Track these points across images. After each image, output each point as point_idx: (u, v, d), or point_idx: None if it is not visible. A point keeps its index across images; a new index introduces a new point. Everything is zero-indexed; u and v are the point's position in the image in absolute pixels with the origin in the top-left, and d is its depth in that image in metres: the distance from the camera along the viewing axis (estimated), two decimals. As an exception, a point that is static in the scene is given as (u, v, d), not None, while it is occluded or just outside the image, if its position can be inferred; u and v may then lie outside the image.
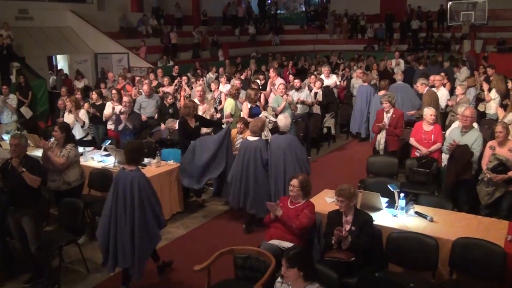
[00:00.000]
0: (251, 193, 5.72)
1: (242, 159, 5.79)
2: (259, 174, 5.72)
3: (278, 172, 5.66)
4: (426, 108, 6.58)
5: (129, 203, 4.21)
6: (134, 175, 4.24)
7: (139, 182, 4.23)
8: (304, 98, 8.80)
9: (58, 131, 5.46)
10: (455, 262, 3.96)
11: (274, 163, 5.70)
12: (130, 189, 4.20)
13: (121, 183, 4.24)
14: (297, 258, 3.08)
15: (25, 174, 4.40)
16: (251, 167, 5.71)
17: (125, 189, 4.22)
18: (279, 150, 5.66)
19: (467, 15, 17.53)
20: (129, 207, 4.21)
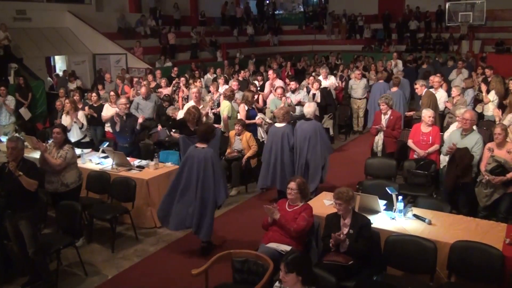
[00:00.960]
0: (279, 172, 6.40)
1: (270, 144, 6.50)
2: (285, 156, 6.39)
3: (302, 154, 6.35)
4: (425, 110, 6.58)
5: (202, 175, 5.02)
6: (207, 151, 5.09)
7: (212, 157, 5.08)
8: (301, 99, 8.79)
9: (61, 132, 5.46)
10: (453, 265, 3.95)
11: (299, 146, 6.37)
12: (204, 162, 5.01)
13: (196, 158, 5.07)
14: (295, 262, 3.07)
15: (22, 178, 4.38)
16: (279, 150, 6.40)
17: (199, 162, 5.03)
18: (304, 135, 6.31)
19: (465, 15, 17.52)
20: (201, 178, 5.02)
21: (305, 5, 26.42)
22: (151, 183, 6.02)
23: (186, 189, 5.10)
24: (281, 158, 6.40)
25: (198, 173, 5.03)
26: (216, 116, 8.77)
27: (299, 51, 21.70)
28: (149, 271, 5.07)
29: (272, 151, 6.47)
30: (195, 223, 5.10)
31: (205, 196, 5.06)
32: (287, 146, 6.39)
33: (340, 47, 21.59)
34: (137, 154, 7.15)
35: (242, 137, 7.33)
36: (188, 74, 12.59)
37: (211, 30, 20.73)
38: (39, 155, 5.47)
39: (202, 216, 5.10)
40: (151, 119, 8.89)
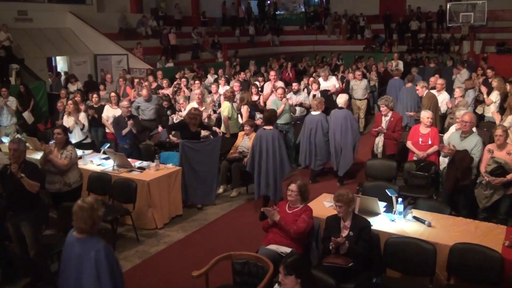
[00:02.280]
0: (313, 154, 7.53)
1: (308, 130, 7.52)
2: (320, 140, 7.43)
3: (336, 138, 7.35)
4: (423, 111, 6.58)
5: (271, 150, 6.21)
6: (273, 132, 6.31)
7: (278, 136, 6.30)
8: (302, 101, 8.80)
9: (62, 133, 5.50)
10: (453, 267, 3.97)
11: (333, 131, 7.36)
12: (272, 140, 6.21)
13: (264, 138, 6.26)
14: (294, 265, 3.08)
15: (24, 179, 4.41)
16: (313, 135, 7.46)
17: (267, 141, 6.22)
18: (337, 121, 7.32)
19: (467, 16, 17.55)
20: (272, 153, 6.22)
21: (306, 5, 26.42)
22: (152, 185, 6.03)
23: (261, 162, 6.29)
24: (315, 142, 7.46)
25: (267, 149, 6.22)
26: (218, 118, 8.80)
27: (300, 52, 21.72)
28: (150, 272, 5.09)
29: (309, 136, 7.51)
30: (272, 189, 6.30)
31: (276, 167, 6.25)
32: (321, 131, 7.41)
33: (341, 48, 21.60)
34: (137, 155, 7.17)
35: (251, 137, 7.40)
36: (190, 75, 12.60)
37: (212, 30, 20.74)
38: (41, 156, 5.51)
39: (276, 183, 6.29)
40: (153, 120, 8.92)
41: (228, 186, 7.44)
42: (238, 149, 7.45)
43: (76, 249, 3.19)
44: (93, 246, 3.14)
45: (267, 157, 6.28)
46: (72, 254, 3.21)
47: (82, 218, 3.13)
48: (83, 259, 3.14)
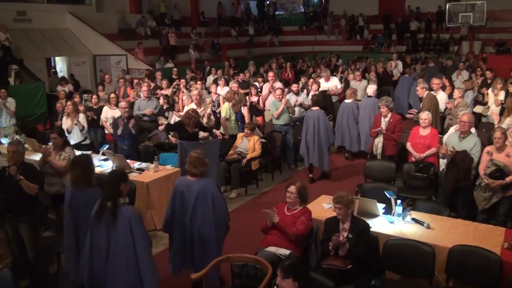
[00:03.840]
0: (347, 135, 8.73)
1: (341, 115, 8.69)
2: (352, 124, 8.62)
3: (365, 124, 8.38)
4: (421, 113, 6.58)
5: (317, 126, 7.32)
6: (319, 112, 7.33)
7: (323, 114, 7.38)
8: (302, 101, 8.80)
9: (58, 137, 5.49)
10: (452, 270, 3.97)
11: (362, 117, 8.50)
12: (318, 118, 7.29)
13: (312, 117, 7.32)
14: (292, 268, 3.08)
15: (23, 182, 4.41)
16: (346, 120, 8.63)
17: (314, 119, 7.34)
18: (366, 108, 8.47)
19: (466, 16, 17.54)
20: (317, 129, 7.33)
21: (306, 5, 26.43)
22: (151, 186, 6.03)
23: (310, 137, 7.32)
24: (348, 125, 8.50)
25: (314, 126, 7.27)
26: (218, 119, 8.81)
27: (299, 52, 21.72)
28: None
29: (343, 120, 8.59)
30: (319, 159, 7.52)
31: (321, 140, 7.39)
32: (352, 117, 8.45)
33: (341, 48, 21.61)
34: (136, 156, 7.16)
35: (250, 139, 7.43)
36: (190, 75, 12.60)
37: (211, 30, 20.74)
38: (40, 157, 5.50)
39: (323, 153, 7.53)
40: (152, 121, 8.92)
41: (227, 187, 7.44)
42: (237, 150, 7.45)
43: (194, 188, 4.18)
44: (207, 184, 4.23)
45: (314, 132, 7.35)
46: (190, 191, 4.21)
47: (195, 164, 4.21)
48: (199, 195, 4.15)
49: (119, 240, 3.56)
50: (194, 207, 4.17)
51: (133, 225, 3.56)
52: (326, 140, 7.50)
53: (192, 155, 4.26)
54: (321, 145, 7.43)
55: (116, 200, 3.60)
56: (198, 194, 4.15)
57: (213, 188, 4.23)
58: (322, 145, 7.45)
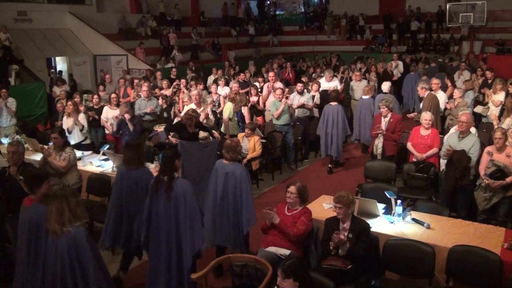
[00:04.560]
0: (362, 129, 8.80)
1: (360, 109, 8.95)
2: (368, 118, 8.57)
3: None
4: (423, 113, 6.57)
5: (336, 120, 7.92)
6: (337, 106, 7.93)
7: (341, 109, 8.04)
8: (305, 102, 8.78)
9: (58, 137, 5.50)
10: (452, 270, 3.97)
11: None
12: (336, 113, 7.96)
13: (330, 111, 7.90)
14: (292, 268, 3.09)
15: (23, 182, 4.40)
16: (363, 115, 8.76)
17: (333, 113, 7.96)
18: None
19: (466, 16, 17.55)
20: (336, 122, 7.93)
21: (306, 5, 26.43)
22: (151, 186, 6.01)
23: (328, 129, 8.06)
24: (365, 121, 8.65)
25: (333, 120, 7.91)
26: (218, 119, 8.81)
27: (299, 52, 21.73)
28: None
29: (361, 116, 8.80)
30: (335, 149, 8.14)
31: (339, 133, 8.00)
32: (369, 112, 8.62)
33: (341, 48, 21.62)
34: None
35: (250, 139, 7.44)
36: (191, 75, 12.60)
37: (212, 30, 20.74)
38: (40, 157, 5.51)
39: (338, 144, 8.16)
40: (152, 121, 8.92)
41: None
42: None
43: (226, 169, 4.71)
44: (238, 167, 4.75)
45: (332, 126, 7.91)
46: (223, 172, 4.71)
47: (227, 150, 4.72)
48: (229, 176, 4.65)
49: (174, 209, 4.04)
50: (224, 185, 4.73)
51: (187, 196, 4.06)
52: (343, 132, 8.13)
53: (227, 142, 4.94)
54: (338, 137, 8.04)
55: (172, 175, 4.10)
56: (227, 174, 4.72)
57: (241, 172, 4.72)
58: (339, 137, 8.07)
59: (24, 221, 3.68)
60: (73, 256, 3.29)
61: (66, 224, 3.28)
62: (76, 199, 3.44)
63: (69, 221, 3.29)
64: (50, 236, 3.36)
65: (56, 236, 3.30)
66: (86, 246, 3.30)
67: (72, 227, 3.30)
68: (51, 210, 3.32)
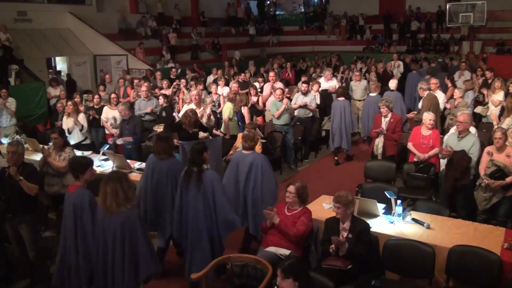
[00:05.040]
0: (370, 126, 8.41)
1: (368, 106, 8.84)
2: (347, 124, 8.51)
3: None
4: (426, 113, 6.54)
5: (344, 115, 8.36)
6: (344, 102, 8.37)
7: (348, 104, 8.45)
8: (308, 102, 8.76)
9: (58, 137, 5.51)
10: (452, 270, 3.97)
11: None
12: (344, 108, 8.34)
13: (338, 106, 8.28)
14: (292, 268, 3.08)
15: (23, 182, 4.41)
16: (371, 112, 8.55)
17: (340, 108, 8.30)
18: None
19: (466, 16, 17.54)
20: (344, 117, 8.35)
21: (306, 5, 26.43)
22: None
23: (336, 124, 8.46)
24: (373, 117, 8.42)
25: (341, 114, 8.35)
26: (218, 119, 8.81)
27: (299, 52, 21.73)
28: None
29: (369, 112, 8.72)
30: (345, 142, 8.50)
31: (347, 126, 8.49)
32: (377, 109, 8.28)
33: (341, 48, 21.62)
34: (138, 156, 7.17)
35: None
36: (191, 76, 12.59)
37: (212, 31, 20.74)
38: (40, 157, 5.51)
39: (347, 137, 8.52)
40: (152, 121, 8.92)
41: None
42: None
43: (247, 159, 4.98)
44: (258, 156, 5.04)
45: (340, 120, 8.30)
46: (244, 162, 4.99)
47: (245, 139, 5.03)
48: (252, 164, 4.93)
49: (203, 198, 4.33)
50: (247, 176, 4.97)
51: (215, 186, 4.35)
52: (350, 126, 8.53)
53: (244, 133, 5.29)
54: (346, 130, 8.43)
55: (201, 166, 4.38)
56: (251, 164, 4.96)
57: (263, 161, 5.01)
58: (347, 130, 8.46)
59: (69, 206, 4.00)
60: (125, 234, 3.60)
61: (121, 204, 3.61)
62: (128, 182, 3.75)
63: (123, 201, 3.62)
64: (101, 214, 3.70)
65: (109, 214, 3.62)
66: (138, 226, 3.64)
67: (126, 208, 3.63)
68: (106, 190, 3.64)
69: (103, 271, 3.69)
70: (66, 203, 4.06)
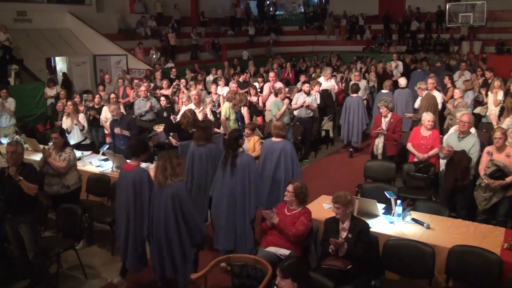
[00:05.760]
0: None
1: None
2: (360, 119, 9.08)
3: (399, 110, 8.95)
4: (425, 113, 6.54)
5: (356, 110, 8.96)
6: (358, 98, 9.04)
7: (361, 101, 9.07)
8: (310, 102, 8.76)
9: (59, 137, 5.50)
10: (452, 270, 3.97)
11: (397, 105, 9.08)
12: (357, 104, 9.02)
13: (350, 102, 8.97)
14: (290, 268, 3.08)
15: (22, 182, 4.40)
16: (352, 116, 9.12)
17: (354, 104, 9.03)
18: (402, 98, 9.17)
19: (466, 16, 17.55)
20: (357, 112, 8.92)
21: (306, 5, 26.42)
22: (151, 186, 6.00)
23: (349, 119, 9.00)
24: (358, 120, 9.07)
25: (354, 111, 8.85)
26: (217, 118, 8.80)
27: (299, 52, 21.73)
28: (148, 274, 5.07)
29: (350, 117, 9.09)
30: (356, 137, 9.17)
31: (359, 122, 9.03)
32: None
33: (341, 48, 21.61)
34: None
35: (250, 139, 7.41)
36: (190, 76, 12.58)
37: (212, 31, 20.74)
38: (40, 158, 5.50)
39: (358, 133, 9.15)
40: (152, 121, 8.92)
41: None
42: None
43: (277, 146, 5.61)
44: (288, 144, 5.65)
45: (353, 115, 8.91)
46: (273, 149, 5.60)
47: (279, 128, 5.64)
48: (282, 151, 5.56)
49: (240, 178, 4.80)
50: (277, 161, 5.57)
51: (250, 168, 4.85)
52: (362, 121, 9.02)
53: (274, 122, 5.86)
54: (358, 125, 8.97)
55: (236, 151, 4.87)
56: (280, 151, 5.57)
57: (291, 149, 5.65)
58: (359, 125, 8.98)
59: (128, 182, 4.46)
60: (176, 204, 4.07)
61: (168, 178, 4.06)
62: (178, 160, 4.17)
63: (170, 176, 4.06)
64: (155, 188, 4.16)
65: (160, 187, 4.09)
66: (186, 196, 4.14)
67: (173, 182, 4.06)
68: (158, 164, 4.16)
69: (165, 239, 4.12)
70: (123, 179, 4.51)
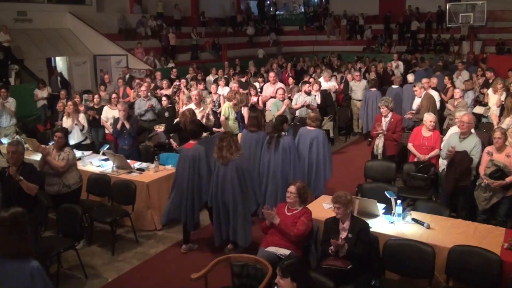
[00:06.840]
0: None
1: (368, 103, 9.95)
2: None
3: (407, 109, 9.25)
4: (427, 114, 6.53)
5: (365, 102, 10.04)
6: (376, 93, 9.57)
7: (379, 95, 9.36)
8: (310, 102, 8.75)
9: (62, 137, 5.51)
10: (452, 270, 3.97)
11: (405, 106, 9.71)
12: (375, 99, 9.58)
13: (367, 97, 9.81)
14: (290, 268, 3.08)
15: (23, 182, 4.41)
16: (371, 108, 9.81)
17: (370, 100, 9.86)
18: (408, 93, 9.55)
19: (466, 16, 17.56)
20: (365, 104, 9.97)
21: (306, 5, 26.43)
22: (151, 186, 6.03)
23: None
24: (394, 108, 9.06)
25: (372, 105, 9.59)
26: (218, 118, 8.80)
27: (299, 52, 21.73)
28: (149, 274, 5.09)
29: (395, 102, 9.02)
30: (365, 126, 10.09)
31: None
32: (398, 100, 9.45)
33: (341, 48, 21.62)
34: (137, 156, 7.17)
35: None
36: (190, 76, 12.58)
37: (212, 31, 20.74)
38: (40, 157, 5.51)
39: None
40: (152, 121, 8.92)
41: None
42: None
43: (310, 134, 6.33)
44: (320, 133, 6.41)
45: (372, 108, 9.50)
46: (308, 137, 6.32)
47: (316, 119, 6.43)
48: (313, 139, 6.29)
49: (282, 157, 5.78)
50: (310, 148, 6.27)
51: (291, 149, 5.82)
52: None
53: (311, 114, 6.55)
54: (374, 118, 8.88)
55: (280, 133, 5.89)
56: (312, 139, 6.27)
57: (324, 138, 6.34)
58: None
59: (189, 157, 5.23)
60: (240, 175, 4.86)
61: (234, 154, 4.85)
62: (236, 138, 5.04)
63: (235, 151, 4.85)
64: (218, 163, 4.95)
65: (226, 162, 4.86)
66: (248, 168, 5.03)
67: (237, 157, 4.86)
68: (222, 145, 4.90)
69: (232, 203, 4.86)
70: (183, 156, 5.30)
